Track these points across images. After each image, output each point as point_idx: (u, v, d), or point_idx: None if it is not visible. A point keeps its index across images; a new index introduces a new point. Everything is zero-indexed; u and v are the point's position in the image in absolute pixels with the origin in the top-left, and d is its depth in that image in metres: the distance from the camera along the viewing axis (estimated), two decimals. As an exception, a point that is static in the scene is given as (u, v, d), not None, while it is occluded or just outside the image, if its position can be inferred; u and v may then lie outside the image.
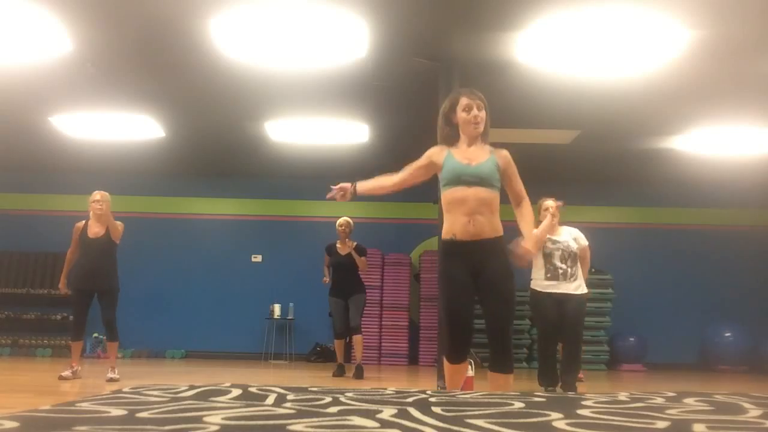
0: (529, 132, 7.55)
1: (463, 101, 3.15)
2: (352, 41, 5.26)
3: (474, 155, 3.10)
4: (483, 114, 3.15)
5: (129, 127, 7.59)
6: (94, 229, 5.51)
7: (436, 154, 3.18)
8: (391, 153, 8.01)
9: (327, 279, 6.76)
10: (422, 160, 3.22)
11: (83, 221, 5.59)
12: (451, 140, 3.20)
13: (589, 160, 8.49)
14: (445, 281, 3.11)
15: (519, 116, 7.02)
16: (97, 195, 5.56)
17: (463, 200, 3.01)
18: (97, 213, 5.49)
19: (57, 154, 8.68)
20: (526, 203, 3.23)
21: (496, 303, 3.04)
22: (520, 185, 3.23)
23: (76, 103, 6.90)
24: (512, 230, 3.19)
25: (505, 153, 3.19)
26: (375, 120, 7.21)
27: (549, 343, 5.00)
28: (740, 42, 5.16)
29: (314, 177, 9.55)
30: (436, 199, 5.39)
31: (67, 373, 5.30)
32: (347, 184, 3.28)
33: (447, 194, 3.08)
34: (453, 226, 3.05)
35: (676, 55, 5.34)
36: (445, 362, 3.16)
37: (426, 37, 5.34)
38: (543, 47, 5.33)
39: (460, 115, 3.15)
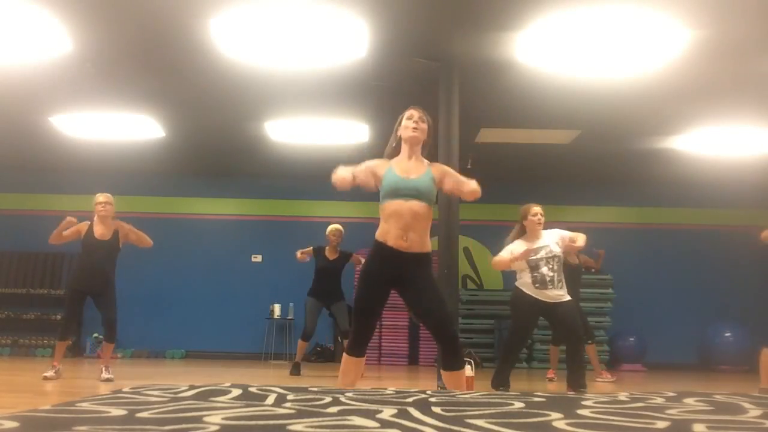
0: (529, 132, 7.56)
1: (408, 112, 3.38)
2: (352, 41, 5.26)
3: (412, 168, 3.29)
4: (424, 125, 3.34)
5: (129, 127, 7.59)
6: (100, 231, 5.47)
7: (378, 167, 3.36)
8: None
9: (301, 254, 6.81)
10: (364, 170, 3.35)
11: (87, 222, 5.55)
12: (394, 154, 3.39)
13: (589, 160, 8.48)
14: (363, 280, 3.32)
15: (519, 116, 7.02)
16: (101, 197, 5.52)
17: (400, 214, 3.19)
18: (102, 215, 5.47)
19: (57, 154, 8.68)
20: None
21: (435, 306, 3.22)
22: (462, 179, 3.34)
23: (76, 103, 6.90)
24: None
25: (440, 165, 3.44)
26: (375, 120, 7.21)
27: (517, 344, 5.01)
28: (740, 42, 5.16)
29: (314, 177, 9.52)
30: (436, 200, 5.41)
31: (50, 373, 5.21)
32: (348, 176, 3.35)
33: (385, 206, 3.25)
34: (387, 234, 3.23)
35: (676, 55, 5.34)
36: (344, 356, 3.33)
37: (426, 37, 5.34)
38: (543, 47, 5.33)
39: (404, 123, 3.36)
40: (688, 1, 4.55)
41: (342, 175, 3.30)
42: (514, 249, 4.75)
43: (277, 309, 9.15)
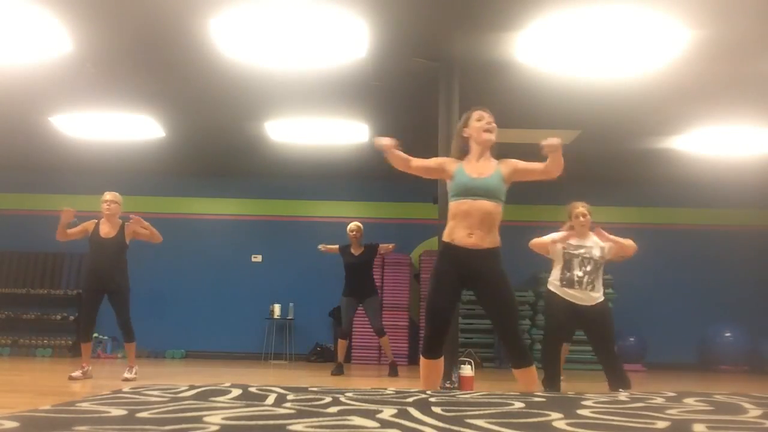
0: (529, 132, 7.55)
1: (477, 113, 3.40)
2: (352, 41, 5.26)
3: (482, 169, 3.31)
4: (495, 126, 3.38)
5: (129, 127, 7.60)
6: (105, 229, 5.49)
7: (449, 163, 3.40)
8: (391, 153, 8.02)
9: (323, 247, 7.00)
10: (434, 164, 3.44)
11: (94, 221, 5.56)
12: (463, 154, 3.42)
13: (589, 160, 8.48)
14: (433, 280, 3.30)
15: (519, 116, 7.02)
16: (108, 195, 5.54)
17: (468, 213, 3.22)
18: (106, 213, 5.49)
19: (57, 154, 8.68)
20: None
21: (501, 305, 3.23)
22: (535, 164, 3.39)
23: (76, 103, 6.90)
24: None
25: (509, 160, 3.38)
26: (375, 120, 7.21)
27: (554, 344, 4.88)
28: (740, 42, 5.16)
29: (314, 177, 9.57)
30: (436, 199, 5.41)
31: (77, 373, 5.26)
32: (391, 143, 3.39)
33: (454, 205, 3.29)
34: (453, 232, 3.26)
35: (676, 55, 5.34)
36: (421, 359, 3.33)
37: (426, 37, 5.34)
38: (543, 47, 5.33)
39: (474, 125, 3.37)
40: (688, 1, 4.55)
41: (386, 141, 3.33)
42: (556, 236, 4.69)
43: (277, 309, 9.15)
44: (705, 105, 6.53)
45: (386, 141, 3.35)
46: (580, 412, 2.17)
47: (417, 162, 3.43)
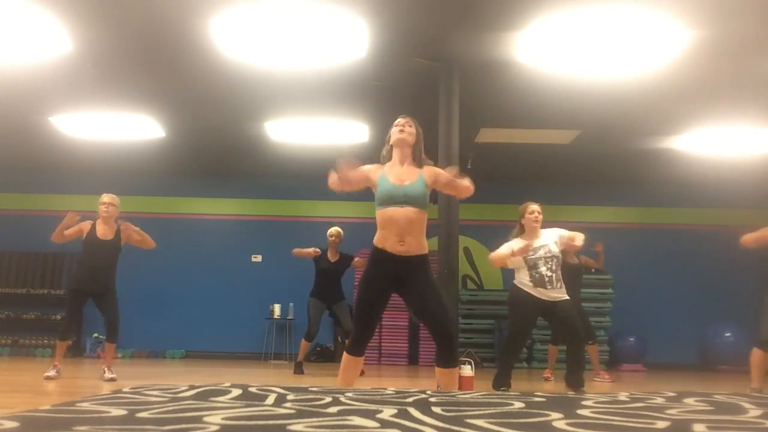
0: (529, 132, 7.56)
1: (397, 120, 3.52)
2: (352, 41, 5.26)
3: (405, 175, 3.37)
4: (411, 129, 3.46)
5: (129, 127, 7.59)
6: (102, 231, 5.47)
7: (372, 172, 3.45)
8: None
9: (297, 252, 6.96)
10: (361, 175, 3.45)
11: (90, 222, 5.55)
12: (386, 160, 3.50)
13: (589, 160, 8.48)
14: (363, 285, 3.40)
15: (519, 116, 7.02)
16: (106, 197, 5.52)
17: (395, 220, 3.28)
18: (104, 215, 5.48)
19: (57, 154, 8.68)
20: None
21: (434, 306, 3.29)
22: (450, 179, 3.42)
23: (76, 103, 6.90)
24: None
25: (432, 168, 3.47)
26: (375, 120, 7.21)
27: (516, 345, 4.96)
28: (740, 42, 5.16)
29: (314, 177, 9.52)
30: (436, 200, 5.41)
31: (52, 372, 5.23)
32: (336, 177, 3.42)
33: (380, 213, 3.35)
34: (385, 240, 3.33)
35: (676, 55, 5.34)
36: (345, 356, 3.44)
37: (426, 37, 5.34)
38: (543, 47, 5.33)
39: (392, 131, 3.48)
40: (688, 1, 4.55)
41: (332, 178, 3.40)
42: (513, 245, 4.73)
43: (277, 309, 9.15)
44: (705, 105, 6.53)
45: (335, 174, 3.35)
46: (580, 412, 2.17)
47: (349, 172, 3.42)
